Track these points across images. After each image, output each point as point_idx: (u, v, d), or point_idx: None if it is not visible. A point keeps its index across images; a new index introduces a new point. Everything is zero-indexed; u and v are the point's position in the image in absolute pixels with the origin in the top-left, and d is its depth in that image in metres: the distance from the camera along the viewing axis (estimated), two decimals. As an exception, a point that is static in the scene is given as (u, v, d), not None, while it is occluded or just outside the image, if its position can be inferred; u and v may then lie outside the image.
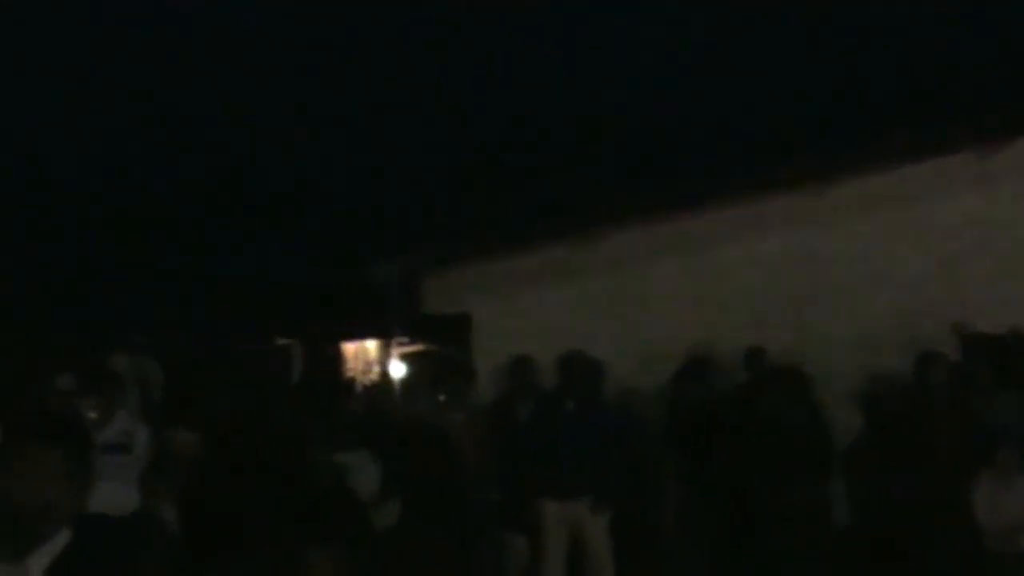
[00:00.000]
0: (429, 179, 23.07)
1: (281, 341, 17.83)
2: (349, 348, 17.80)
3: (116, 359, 10.68)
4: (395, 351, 16.45)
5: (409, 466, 5.72)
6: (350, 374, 17.10)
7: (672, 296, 12.36)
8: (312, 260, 19.77)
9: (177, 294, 21.55)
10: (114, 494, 6.71)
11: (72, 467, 2.86)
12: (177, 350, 15.42)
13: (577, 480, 9.54)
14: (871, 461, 9.72)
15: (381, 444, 5.80)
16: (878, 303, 12.13)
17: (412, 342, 15.85)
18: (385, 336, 16.63)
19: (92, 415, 7.79)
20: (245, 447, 5.14)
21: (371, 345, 17.70)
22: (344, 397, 9.87)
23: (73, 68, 25.50)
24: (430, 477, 5.44)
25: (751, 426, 9.63)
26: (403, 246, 14.60)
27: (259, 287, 19.66)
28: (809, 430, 9.58)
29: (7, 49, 25.22)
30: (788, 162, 13.15)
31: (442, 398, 10.30)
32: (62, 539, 2.84)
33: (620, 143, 23.71)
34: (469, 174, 22.85)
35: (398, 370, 16.00)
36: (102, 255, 23.89)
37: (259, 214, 23.45)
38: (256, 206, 23.52)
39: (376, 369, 17.24)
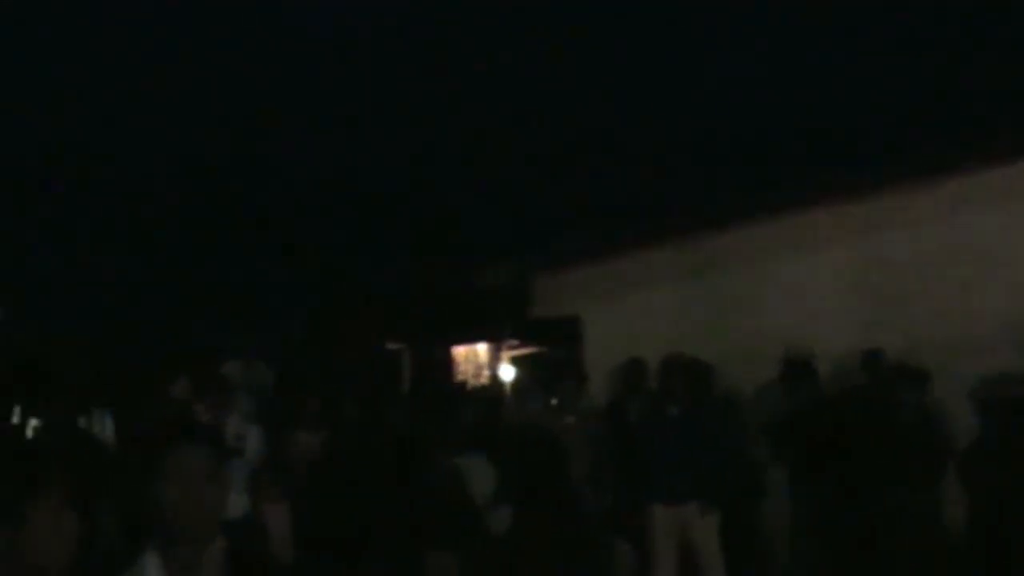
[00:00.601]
0: (540, 183, 23.11)
1: (391, 345, 18.03)
2: (459, 352, 17.91)
3: (228, 364, 10.89)
4: (505, 354, 16.53)
5: (521, 470, 5.77)
6: (461, 377, 17.22)
7: (780, 297, 12.23)
8: (424, 265, 19.93)
9: (288, 300, 21.91)
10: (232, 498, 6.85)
11: (216, 471, 2.85)
12: (288, 355, 15.71)
13: (684, 484, 9.48)
14: (988, 464, 9.53)
15: (494, 448, 5.85)
16: (992, 301, 11.85)
17: (522, 345, 15.91)
18: (495, 340, 16.72)
19: (206, 419, 7.95)
20: (366, 451, 5.20)
21: (481, 349, 17.80)
22: (457, 401, 9.94)
23: (199, 76, 26.03)
24: (541, 481, 5.48)
25: (872, 428, 9.49)
26: (513, 250, 14.66)
27: (370, 292, 19.87)
28: (928, 432, 9.43)
29: (133, 57, 25.85)
30: (898, 160, 12.94)
31: (553, 401, 10.33)
32: (218, 546, 2.83)
33: (728, 144, 23.56)
34: (579, 177, 22.86)
35: (508, 373, 16.07)
36: (215, 263, 24.36)
37: (371, 220, 23.72)
38: (368, 212, 23.79)
39: (486, 372, 17.34)
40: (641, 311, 12.42)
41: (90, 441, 8.82)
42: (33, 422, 10.86)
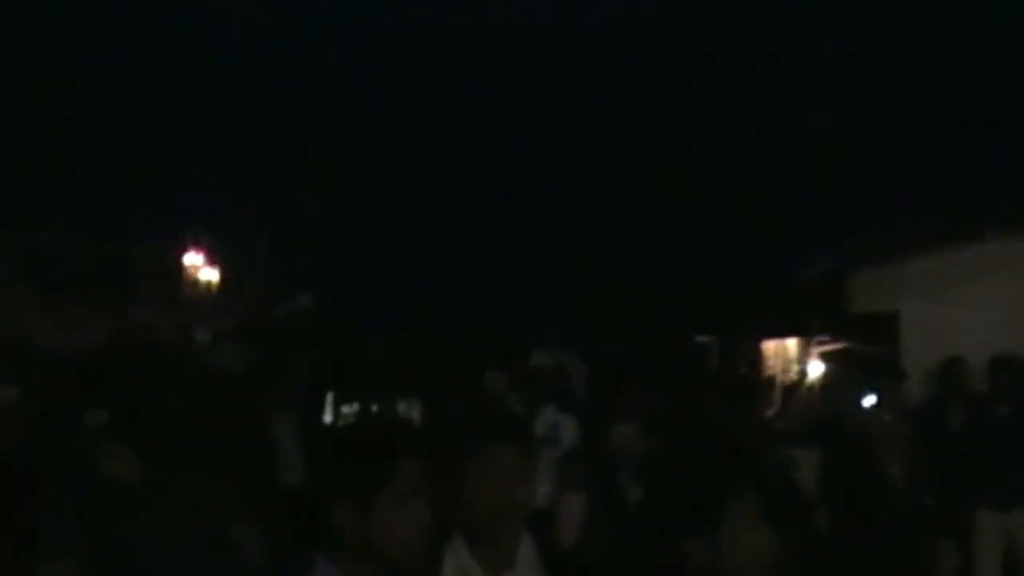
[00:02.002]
0: (860, 176, 22.54)
1: (700, 338, 17.96)
2: (768, 346, 17.70)
3: (538, 354, 11.04)
4: (815, 349, 16.20)
5: (839, 466, 5.63)
6: (770, 372, 17.00)
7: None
8: (739, 259, 19.79)
9: (596, 292, 22.12)
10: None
11: (526, 465, 2.84)
12: (597, 345, 15.85)
13: (1013, 490, 9.03)
14: None
15: (814, 442, 5.74)
16: None
17: (833, 341, 15.55)
18: (806, 334, 16.42)
19: (518, 411, 8.08)
20: (698, 442, 5.18)
21: (791, 343, 17.53)
22: (771, 393, 9.79)
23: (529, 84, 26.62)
24: (859, 478, 5.33)
25: None
26: (830, 244, 14.32)
27: (680, 285, 19.86)
28: None
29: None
30: None
31: (871, 399, 10.01)
32: (526, 542, 2.82)
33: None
34: (899, 170, 22.13)
35: (817, 369, 15.74)
36: (522, 257, 24.90)
37: (686, 214, 23.71)
38: (682, 206, 23.79)
39: (796, 367, 17.06)
40: (965, 307, 11.85)
41: (419, 429, 9.10)
42: (346, 409, 11.36)
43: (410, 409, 11.46)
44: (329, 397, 11.44)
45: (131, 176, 22.37)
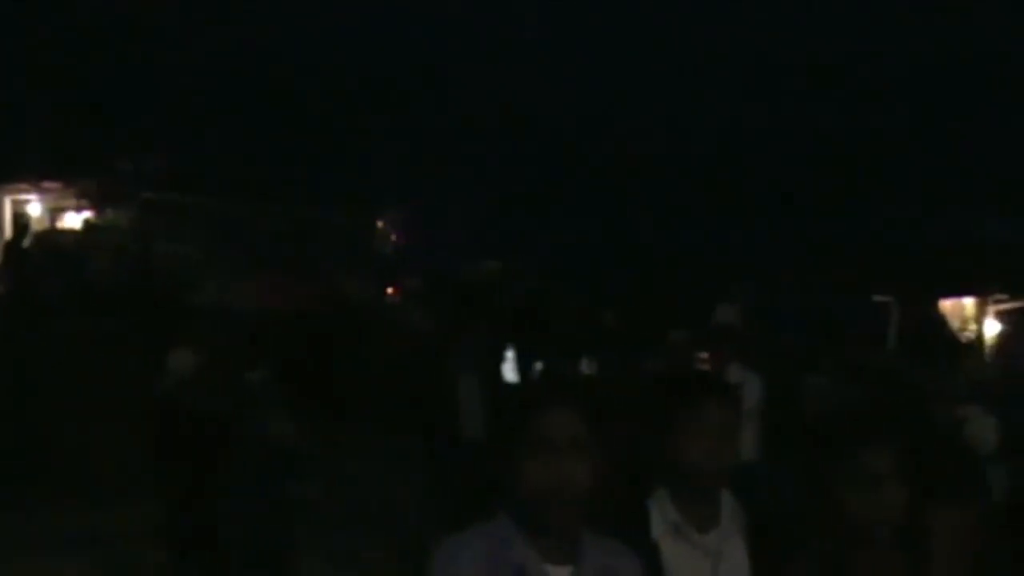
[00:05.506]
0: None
1: (878, 298, 17.48)
2: (945, 305, 17.14)
3: (723, 309, 10.81)
4: (991, 308, 15.64)
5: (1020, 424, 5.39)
6: (945, 331, 16.46)
7: None
8: (918, 220, 19.15)
9: (779, 250, 21.72)
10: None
11: (731, 422, 2.76)
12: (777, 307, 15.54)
13: None
14: None
15: (994, 400, 5.51)
16: None
17: (1011, 300, 15.02)
18: (983, 293, 15.86)
19: (708, 368, 7.90)
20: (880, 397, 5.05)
21: (968, 302, 16.94)
22: (957, 352, 9.42)
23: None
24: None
25: None
26: (1012, 206, 13.77)
27: (859, 246, 19.38)
28: None
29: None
30: None
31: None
32: (728, 501, 2.77)
33: None
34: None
35: (993, 327, 15.23)
36: (709, 217, 24.59)
37: (861, 173, 23.06)
38: (862, 168, 23.14)
39: (973, 326, 16.50)
40: None
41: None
42: (537, 365, 11.37)
43: (591, 368, 11.42)
44: (513, 356, 11.49)
45: (324, 146, 22.82)
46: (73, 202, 20.46)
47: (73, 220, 20.51)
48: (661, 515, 2.71)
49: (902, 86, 25.27)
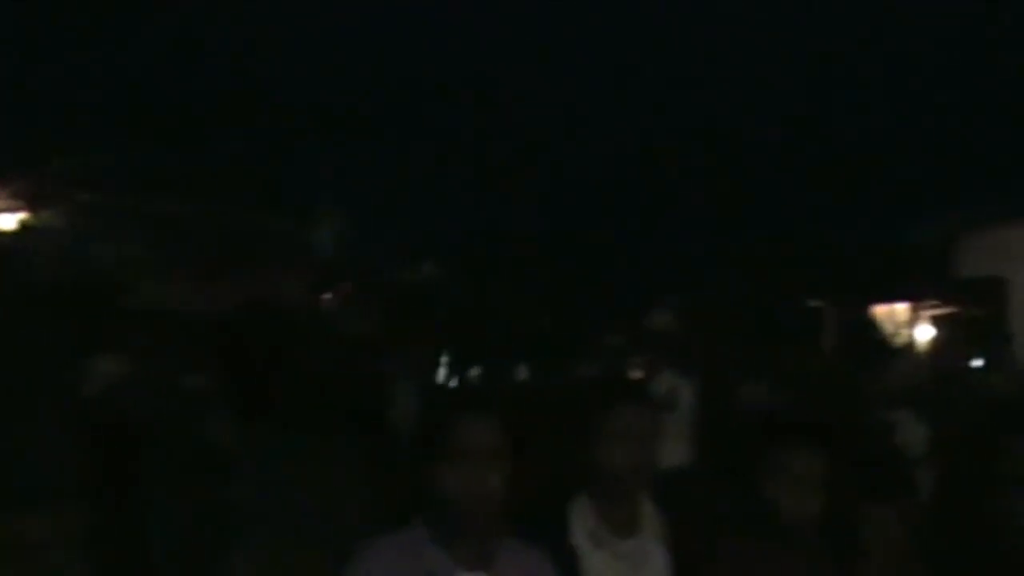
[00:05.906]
0: (968, 141, 21.87)
1: (812, 303, 17.64)
2: (879, 311, 17.33)
3: (658, 315, 10.82)
4: (924, 314, 15.83)
5: (951, 428, 5.44)
6: (879, 336, 16.62)
7: None
8: (850, 224, 19.36)
9: (713, 255, 21.85)
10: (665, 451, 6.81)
11: (650, 426, 2.80)
12: (712, 307, 15.61)
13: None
14: None
15: (923, 405, 5.57)
16: None
17: (942, 305, 15.20)
18: (916, 299, 16.05)
19: (639, 373, 7.91)
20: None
21: (900, 308, 17.14)
22: (887, 357, 9.52)
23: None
24: (971, 440, 5.13)
25: None
26: (939, 210, 13.94)
27: (792, 249, 19.55)
28: None
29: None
30: None
31: (979, 361, 9.73)
32: (648, 507, 2.80)
33: None
34: (1006, 137, 21.41)
35: (926, 333, 15.41)
36: (643, 222, 24.67)
37: (797, 180, 23.24)
38: (794, 172, 23.32)
39: (905, 331, 16.69)
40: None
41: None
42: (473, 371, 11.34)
43: (526, 374, 11.41)
44: (448, 361, 11.44)
45: (262, 147, 22.60)
46: (6, 203, 20.12)
47: (7, 221, 20.18)
48: (581, 521, 2.69)
49: (828, 87, 25.55)
